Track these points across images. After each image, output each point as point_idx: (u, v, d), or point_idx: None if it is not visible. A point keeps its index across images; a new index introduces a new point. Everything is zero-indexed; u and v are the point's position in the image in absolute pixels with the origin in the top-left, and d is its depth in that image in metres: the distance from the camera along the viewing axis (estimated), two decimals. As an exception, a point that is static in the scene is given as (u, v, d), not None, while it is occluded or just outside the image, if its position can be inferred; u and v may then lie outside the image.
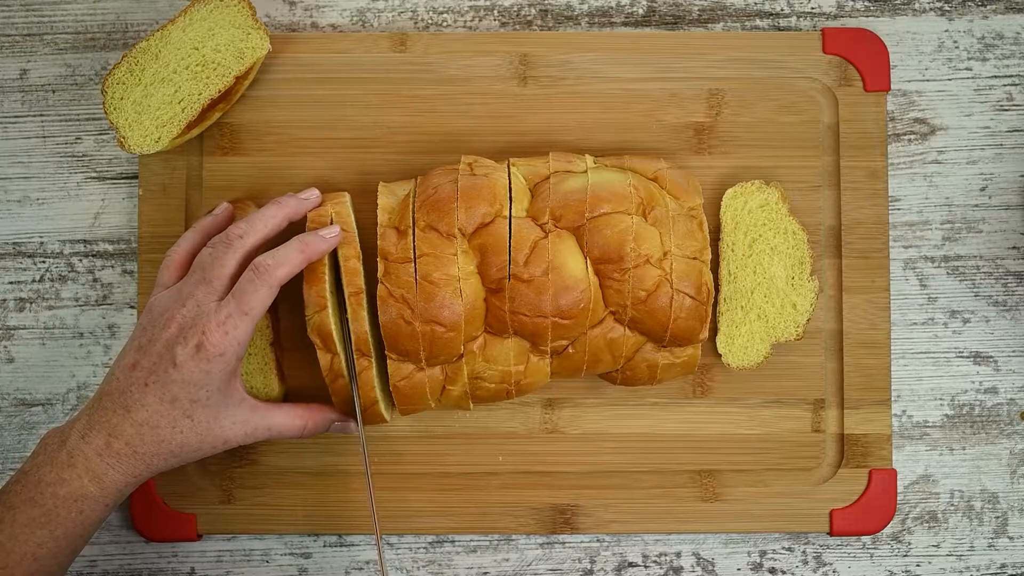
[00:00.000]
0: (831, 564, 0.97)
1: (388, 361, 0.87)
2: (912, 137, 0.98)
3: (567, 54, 0.96)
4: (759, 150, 0.96)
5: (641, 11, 0.99)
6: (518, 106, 0.96)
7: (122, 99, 0.92)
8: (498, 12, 0.99)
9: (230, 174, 0.96)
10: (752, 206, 0.94)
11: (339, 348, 0.87)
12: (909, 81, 0.99)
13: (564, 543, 0.97)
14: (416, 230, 0.87)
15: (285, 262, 0.84)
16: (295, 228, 0.90)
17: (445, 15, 0.99)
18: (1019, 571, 0.96)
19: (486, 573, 0.97)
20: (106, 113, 0.92)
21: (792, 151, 0.96)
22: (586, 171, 0.89)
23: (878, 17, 0.99)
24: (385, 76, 0.96)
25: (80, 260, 0.98)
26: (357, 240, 0.88)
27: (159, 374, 0.81)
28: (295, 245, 0.85)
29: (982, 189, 0.98)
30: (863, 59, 0.96)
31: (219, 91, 0.92)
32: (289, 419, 0.87)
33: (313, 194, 0.90)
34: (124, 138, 0.92)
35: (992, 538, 0.97)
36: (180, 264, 0.88)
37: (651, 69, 0.96)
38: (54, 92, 0.99)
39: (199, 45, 0.92)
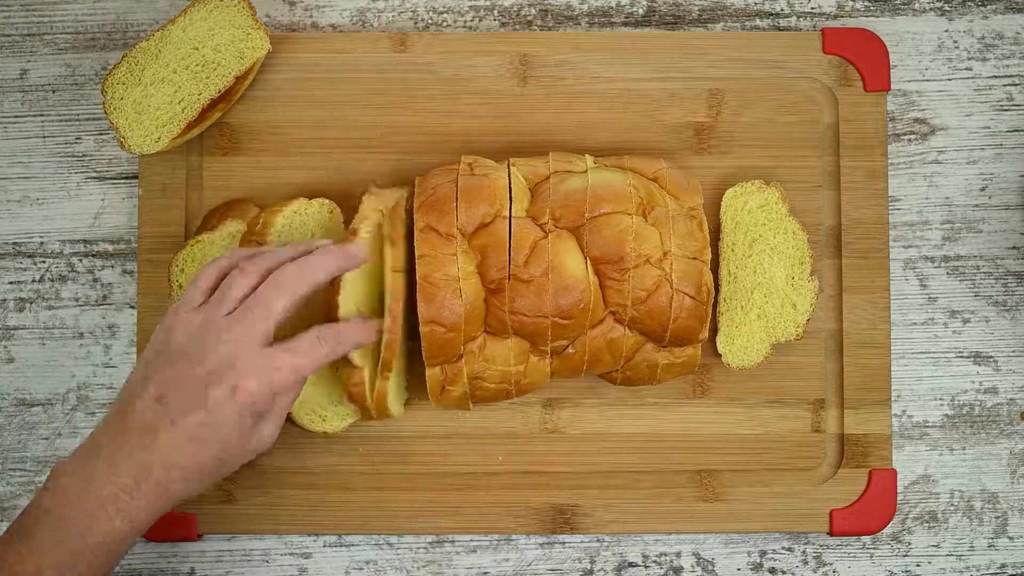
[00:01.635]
0: (831, 564, 0.96)
1: None
2: (912, 137, 0.98)
3: (567, 54, 0.96)
4: (759, 150, 0.96)
5: (641, 11, 0.99)
6: (518, 106, 0.96)
7: (122, 99, 0.92)
8: (498, 12, 0.99)
9: (230, 174, 0.96)
10: (752, 206, 0.94)
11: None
12: (909, 81, 0.99)
13: (564, 543, 0.97)
14: (415, 231, 0.87)
15: (351, 341, 0.83)
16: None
17: (445, 15, 0.99)
18: (1019, 571, 0.96)
19: (486, 573, 0.97)
20: (106, 113, 0.92)
21: (792, 151, 0.96)
22: (586, 171, 0.89)
23: (878, 17, 0.99)
24: (385, 76, 0.96)
25: (80, 260, 0.98)
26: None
27: (188, 414, 0.78)
28: (357, 330, 0.84)
29: (982, 189, 0.98)
30: (863, 59, 0.96)
31: (219, 91, 0.92)
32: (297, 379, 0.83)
33: (359, 249, 0.85)
34: (124, 138, 0.92)
35: (992, 538, 0.97)
36: (213, 287, 0.83)
37: (651, 69, 0.96)
38: (54, 92, 0.99)
39: (199, 45, 0.92)
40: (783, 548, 0.97)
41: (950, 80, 0.99)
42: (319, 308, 0.88)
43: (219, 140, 0.96)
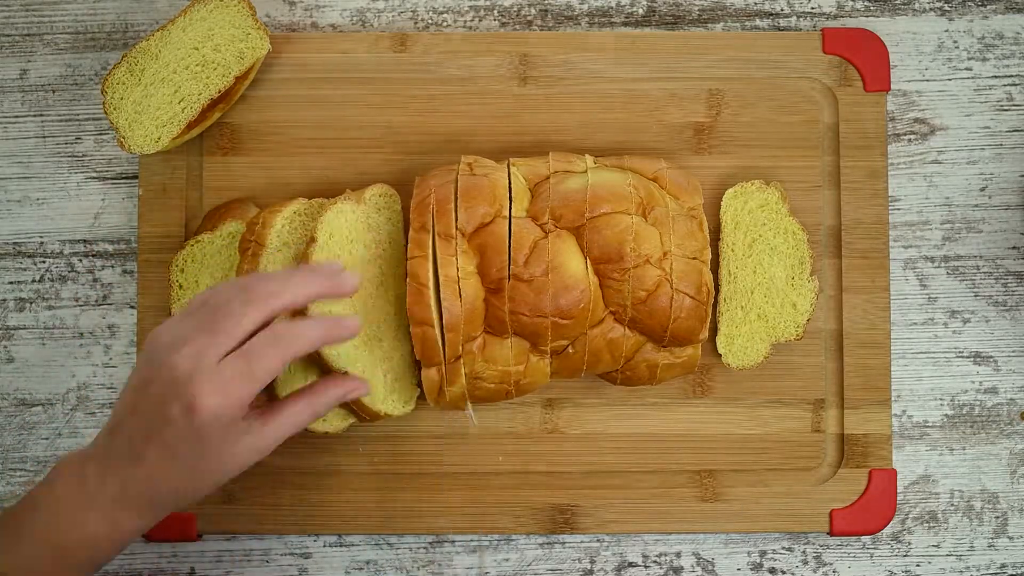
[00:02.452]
0: (831, 564, 0.96)
1: None
2: (912, 137, 0.98)
3: (567, 54, 0.97)
4: (759, 150, 0.96)
5: (641, 11, 0.99)
6: (518, 106, 0.96)
7: (122, 99, 0.92)
8: (498, 12, 0.99)
9: (230, 174, 0.96)
10: (752, 206, 0.94)
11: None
12: (909, 81, 0.99)
13: (564, 543, 0.97)
14: (410, 231, 0.87)
15: (306, 339, 0.77)
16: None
17: (445, 15, 0.99)
18: (1019, 571, 0.96)
19: (486, 573, 0.97)
20: (106, 113, 0.92)
21: (792, 151, 0.96)
22: (586, 171, 0.89)
23: (878, 17, 0.99)
24: (385, 76, 0.96)
25: (80, 260, 0.98)
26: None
27: (156, 429, 0.75)
28: (321, 325, 0.78)
29: (982, 189, 0.98)
30: (863, 59, 0.96)
31: (219, 91, 0.92)
32: (297, 418, 0.80)
33: (350, 281, 0.79)
34: (124, 138, 0.92)
35: (992, 538, 0.97)
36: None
37: (651, 69, 0.97)
38: (54, 92, 0.99)
39: (199, 45, 0.92)
40: (783, 548, 0.97)
41: (950, 80, 0.99)
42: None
43: (219, 140, 0.96)
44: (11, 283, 0.98)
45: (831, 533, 0.95)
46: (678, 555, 0.96)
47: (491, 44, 0.97)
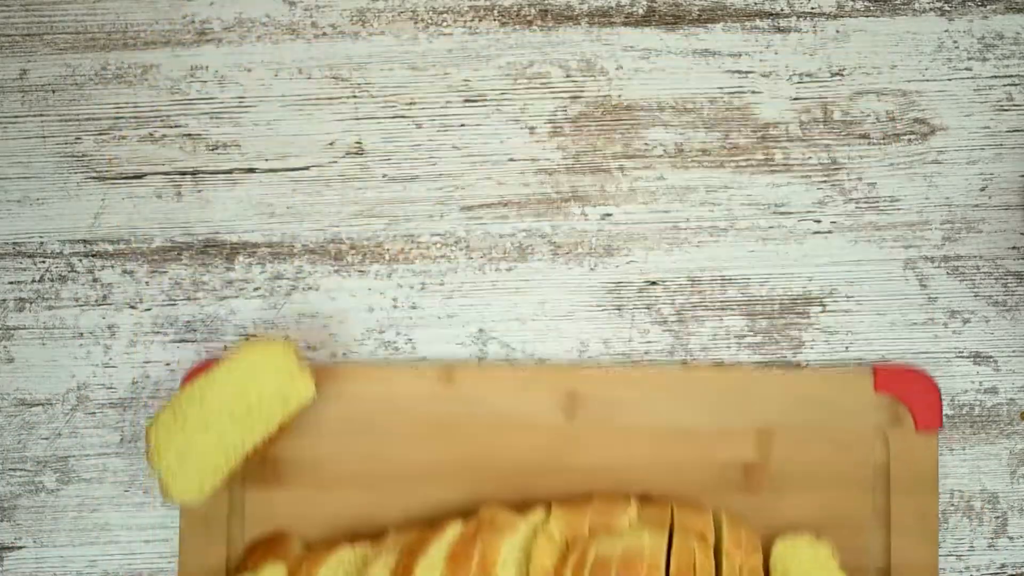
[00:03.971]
0: (831, 564, 0.96)
1: None
2: (912, 137, 0.98)
3: (613, 391, 0.93)
4: (809, 492, 0.93)
5: (641, 11, 0.99)
6: (564, 442, 0.93)
7: (165, 446, 0.88)
8: (498, 12, 0.99)
9: (272, 505, 0.93)
10: (802, 559, 0.90)
11: None
12: (909, 81, 0.99)
13: (564, 543, 0.97)
14: None
15: None
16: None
17: (445, 15, 0.99)
18: (1019, 571, 0.96)
19: (486, 573, 0.96)
20: (149, 460, 0.87)
21: (842, 491, 0.93)
22: (627, 526, 0.87)
23: (878, 17, 0.99)
24: (429, 409, 0.93)
25: (80, 260, 0.98)
26: None
27: None
28: None
29: (982, 189, 0.98)
30: (914, 398, 0.94)
31: (262, 438, 0.89)
32: None
33: None
34: (167, 485, 0.87)
35: (992, 538, 0.97)
36: None
37: (698, 406, 0.93)
38: (54, 92, 0.99)
39: (243, 391, 0.88)
40: (783, 548, 0.96)
41: (950, 80, 0.99)
42: None
43: (260, 471, 0.93)
44: (11, 283, 0.98)
45: (831, 536, 0.94)
46: None
47: (538, 378, 0.94)
